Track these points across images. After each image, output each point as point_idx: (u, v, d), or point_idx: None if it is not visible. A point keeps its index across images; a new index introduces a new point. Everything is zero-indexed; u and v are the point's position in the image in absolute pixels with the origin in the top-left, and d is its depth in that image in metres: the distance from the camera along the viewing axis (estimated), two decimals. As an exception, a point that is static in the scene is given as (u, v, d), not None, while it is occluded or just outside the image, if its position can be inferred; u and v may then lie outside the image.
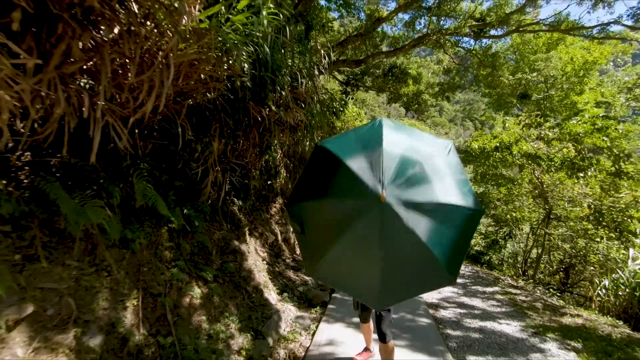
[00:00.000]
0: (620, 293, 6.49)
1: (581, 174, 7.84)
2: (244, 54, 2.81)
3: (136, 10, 1.86)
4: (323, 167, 2.01)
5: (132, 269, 2.91)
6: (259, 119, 3.59)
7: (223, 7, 2.72)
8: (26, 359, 1.92)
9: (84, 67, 1.95)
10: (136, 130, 2.89)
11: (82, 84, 2.01)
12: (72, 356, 2.14)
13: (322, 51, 5.70)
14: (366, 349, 3.39)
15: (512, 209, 10.85)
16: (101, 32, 1.86)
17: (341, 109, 9.14)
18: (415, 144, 1.90)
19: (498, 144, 9.08)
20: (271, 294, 4.69)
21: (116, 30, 1.92)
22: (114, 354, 2.45)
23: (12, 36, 1.50)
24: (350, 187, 1.78)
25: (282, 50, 3.78)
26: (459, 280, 7.56)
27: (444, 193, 1.72)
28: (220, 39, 2.59)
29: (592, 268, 8.47)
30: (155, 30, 2.14)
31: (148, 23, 2.14)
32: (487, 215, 13.94)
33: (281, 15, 3.14)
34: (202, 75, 2.79)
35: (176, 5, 2.11)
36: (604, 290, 6.82)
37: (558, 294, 8.25)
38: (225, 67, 2.86)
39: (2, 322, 1.83)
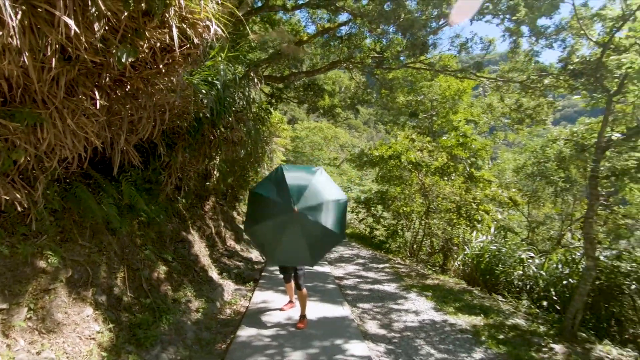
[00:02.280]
0: (467, 263, 9.17)
1: (446, 178, 10.60)
2: (209, 96, 4.02)
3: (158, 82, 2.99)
4: (255, 203, 3.69)
5: (119, 250, 3.89)
6: (212, 137, 4.77)
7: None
8: (70, 303, 2.91)
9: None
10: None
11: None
12: (94, 306, 3.15)
13: (255, 76, 6.98)
14: (290, 301, 4.86)
15: (404, 204, 13.49)
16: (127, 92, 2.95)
17: (267, 117, 10.45)
18: (303, 174, 3.65)
19: (392, 153, 11.50)
20: (214, 273, 5.84)
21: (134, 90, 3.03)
22: (115, 308, 3.48)
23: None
24: (273, 210, 3.37)
25: (227, 86, 5.02)
26: (360, 261, 9.62)
27: (326, 195, 3.41)
28: (194, 86, 3.78)
29: (455, 248, 11.35)
30: (157, 85, 3.27)
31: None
32: (387, 210, 16.72)
33: (232, 68, 4.41)
34: (176, 110, 3.92)
35: (171, 72, 3.27)
36: (458, 263, 9.50)
37: (433, 270, 10.89)
38: (194, 104, 4.03)
39: (62, 277, 2.81)
